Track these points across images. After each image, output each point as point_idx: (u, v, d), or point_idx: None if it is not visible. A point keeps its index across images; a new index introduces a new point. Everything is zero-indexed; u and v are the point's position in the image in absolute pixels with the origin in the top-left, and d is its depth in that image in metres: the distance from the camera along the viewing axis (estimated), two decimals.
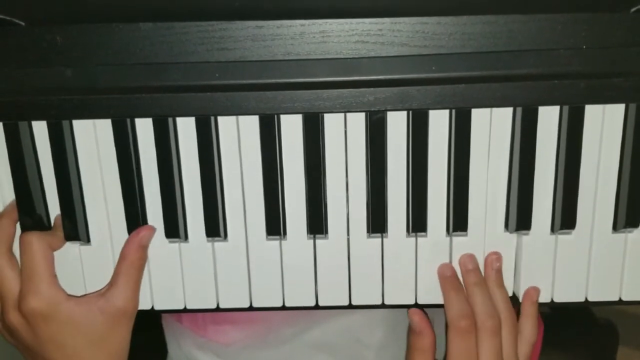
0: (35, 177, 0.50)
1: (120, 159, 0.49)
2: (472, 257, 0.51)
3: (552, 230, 0.51)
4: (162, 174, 0.50)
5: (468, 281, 0.50)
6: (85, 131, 0.49)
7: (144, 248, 0.50)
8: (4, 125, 0.49)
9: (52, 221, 0.51)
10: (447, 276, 0.51)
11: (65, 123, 0.49)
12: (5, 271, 0.48)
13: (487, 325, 0.48)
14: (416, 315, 0.50)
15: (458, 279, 0.51)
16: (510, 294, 0.52)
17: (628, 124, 0.48)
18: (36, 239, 0.48)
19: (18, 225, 0.51)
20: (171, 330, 0.63)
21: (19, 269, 0.49)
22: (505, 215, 0.51)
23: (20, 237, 0.49)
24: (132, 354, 0.53)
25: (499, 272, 0.51)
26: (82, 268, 0.52)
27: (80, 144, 0.49)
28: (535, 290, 0.52)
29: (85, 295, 0.51)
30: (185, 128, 0.49)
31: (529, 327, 0.52)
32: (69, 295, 0.49)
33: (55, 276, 0.49)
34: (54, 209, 0.51)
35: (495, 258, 0.51)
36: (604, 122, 0.48)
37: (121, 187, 0.50)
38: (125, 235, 0.51)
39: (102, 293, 0.50)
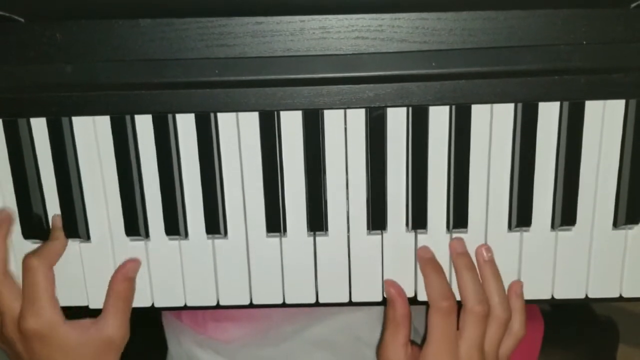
0: (34, 174, 0.50)
1: (119, 156, 0.49)
2: (461, 241, 0.51)
3: (553, 226, 0.51)
4: (162, 171, 0.50)
5: (459, 264, 0.50)
6: (85, 128, 0.49)
7: (129, 280, 0.51)
8: (3, 122, 0.49)
9: (51, 217, 0.51)
10: (426, 258, 0.50)
11: (64, 120, 0.49)
12: (4, 292, 0.50)
13: (475, 310, 0.48)
14: (391, 287, 0.51)
15: (437, 260, 0.50)
16: None
17: (628, 120, 0.48)
18: (38, 263, 0.49)
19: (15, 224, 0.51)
20: (171, 327, 0.63)
21: (16, 286, 0.50)
22: (505, 212, 0.50)
23: (24, 261, 0.50)
24: (132, 352, 0.53)
25: (491, 262, 0.50)
26: (82, 265, 0.52)
27: (80, 141, 0.49)
28: (517, 284, 0.51)
29: (80, 320, 0.51)
30: (185, 125, 0.49)
31: (517, 322, 0.51)
32: (66, 319, 0.50)
33: (55, 298, 0.50)
34: (54, 206, 0.51)
35: (485, 248, 0.50)
36: (604, 118, 0.48)
37: (120, 184, 0.50)
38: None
39: (94, 321, 0.51)
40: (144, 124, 0.49)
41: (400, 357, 0.50)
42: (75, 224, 0.51)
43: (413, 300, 0.52)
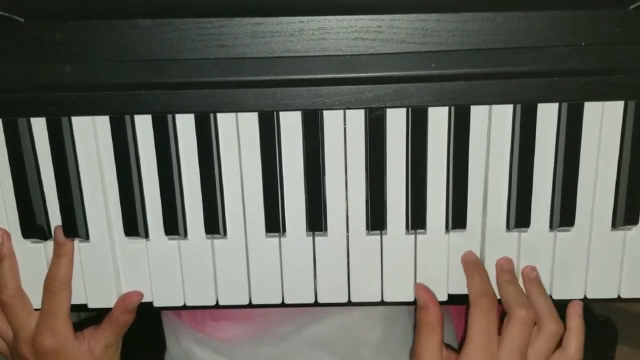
0: (34, 174, 0.50)
1: (118, 156, 0.49)
2: (509, 262, 0.51)
3: (551, 227, 0.51)
4: (162, 171, 0.50)
5: (501, 278, 0.51)
6: (85, 128, 0.49)
7: (129, 312, 0.53)
8: (3, 122, 0.49)
9: (51, 217, 0.51)
10: (471, 261, 0.51)
11: (64, 119, 0.49)
12: (19, 309, 0.52)
13: (518, 313, 0.47)
14: (421, 290, 0.50)
15: (481, 264, 0.51)
16: None
17: (627, 121, 0.48)
18: (62, 286, 0.51)
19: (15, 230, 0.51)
20: (170, 325, 0.63)
21: (29, 302, 0.52)
22: (504, 213, 0.51)
23: (47, 284, 0.51)
24: (131, 349, 0.53)
25: (537, 280, 0.51)
26: (81, 265, 0.52)
27: (80, 141, 0.49)
28: (578, 304, 0.51)
29: (83, 331, 0.53)
30: (185, 125, 0.49)
31: (574, 344, 0.50)
32: (75, 333, 0.53)
33: (69, 315, 0.52)
34: (54, 206, 0.51)
35: (530, 269, 0.51)
36: (603, 119, 0.48)
37: (119, 184, 0.50)
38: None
39: (94, 328, 0.53)
40: (143, 124, 0.49)
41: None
42: (74, 224, 0.51)
43: (413, 302, 0.52)
